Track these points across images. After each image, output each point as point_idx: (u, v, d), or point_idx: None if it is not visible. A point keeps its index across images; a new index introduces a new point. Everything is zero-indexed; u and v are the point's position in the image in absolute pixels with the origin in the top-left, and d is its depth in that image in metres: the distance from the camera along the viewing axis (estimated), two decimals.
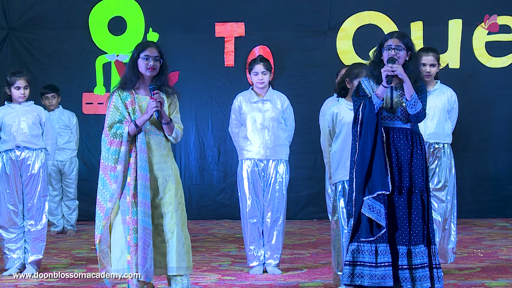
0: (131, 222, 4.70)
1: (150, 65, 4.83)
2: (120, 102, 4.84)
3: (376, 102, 4.84)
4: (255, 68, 6.35)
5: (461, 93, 6.46)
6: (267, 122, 6.35)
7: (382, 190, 4.78)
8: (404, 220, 4.81)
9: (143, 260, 4.68)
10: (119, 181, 4.75)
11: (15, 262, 6.33)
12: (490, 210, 10.33)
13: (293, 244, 7.95)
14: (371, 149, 4.82)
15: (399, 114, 4.89)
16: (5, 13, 10.30)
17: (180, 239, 4.82)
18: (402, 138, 4.88)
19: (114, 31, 10.36)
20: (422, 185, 4.88)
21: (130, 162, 4.77)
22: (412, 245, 4.81)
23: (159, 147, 4.86)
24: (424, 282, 4.79)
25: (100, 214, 4.79)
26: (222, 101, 10.23)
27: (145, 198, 4.72)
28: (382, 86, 4.85)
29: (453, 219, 6.13)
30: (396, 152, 4.86)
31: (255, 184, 6.35)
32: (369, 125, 4.84)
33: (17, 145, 6.36)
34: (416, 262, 4.80)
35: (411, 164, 4.86)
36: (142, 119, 4.78)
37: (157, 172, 4.83)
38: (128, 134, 4.75)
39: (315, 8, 10.38)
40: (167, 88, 4.93)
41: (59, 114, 9.05)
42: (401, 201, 4.82)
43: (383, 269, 4.79)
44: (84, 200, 9.47)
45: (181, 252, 4.81)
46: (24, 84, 6.36)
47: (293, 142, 6.72)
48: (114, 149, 4.77)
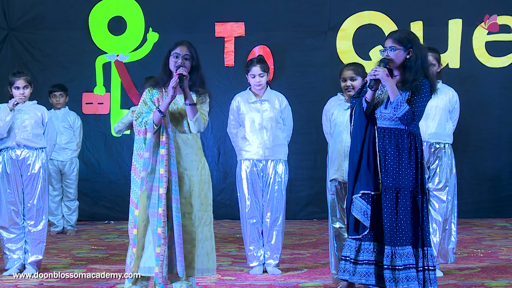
0: (163, 214, 4.73)
1: (179, 63, 4.87)
2: (148, 98, 4.93)
3: (364, 106, 4.88)
4: (252, 71, 6.35)
5: (461, 93, 6.46)
6: (266, 122, 6.35)
7: (365, 189, 4.81)
8: (390, 221, 4.79)
9: (181, 256, 4.72)
10: (147, 169, 4.78)
11: (15, 262, 6.32)
12: (490, 210, 10.34)
13: (293, 244, 7.95)
14: (359, 150, 4.87)
15: (391, 114, 4.86)
16: (5, 13, 10.30)
17: (199, 240, 4.86)
18: (393, 138, 4.85)
19: (114, 31, 10.36)
20: (413, 186, 4.83)
21: (162, 154, 4.80)
22: (398, 245, 4.77)
23: (183, 145, 4.90)
24: (405, 283, 4.72)
25: (133, 208, 4.84)
26: (222, 101, 10.21)
27: (176, 194, 4.77)
28: (369, 90, 4.87)
29: (453, 219, 6.13)
30: (385, 153, 4.86)
31: (254, 184, 6.36)
32: (358, 127, 4.90)
33: (17, 143, 6.36)
34: (399, 263, 4.75)
35: (399, 164, 4.83)
36: (165, 102, 4.82)
37: (181, 171, 4.87)
38: (153, 122, 4.79)
39: (315, 8, 10.38)
40: (198, 88, 4.97)
41: (65, 113, 9.11)
42: (388, 201, 4.81)
43: (366, 266, 4.80)
44: (84, 201, 9.46)
45: (200, 254, 4.85)
46: (24, 84, 6.37)
47: (293, 142, 6.72)
48: (141, 138, 4.85)
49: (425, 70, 4.92)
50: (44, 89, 9.39)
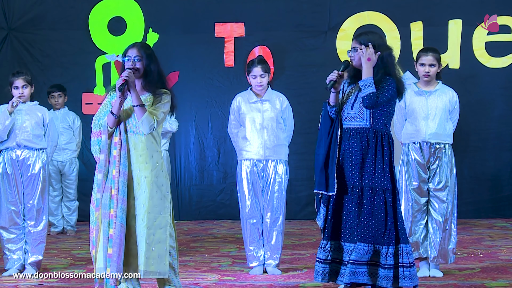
0: (114, 215, 4.73)
1: (128, 65, 4.89)
2: (108, 101, 4.97)
3: (328, 109, 5.03)
4: (253, 71, 6.35)
5: (461, 93, 6.46)
6: (266, 122, 6.35)
7: (317, 189, 5.02)
8: (352, 219, 4.95)
9: (118, 257, 4.70)
10: (103, 171, 4.83)
11: (15, 262, 6.32)
12: (490, 210, 10.34)
13: (293, 244, 7.95)
14: (324, 153, 5.01)
15: (357, 115, 4.98)
16: (5, 13, 10.31)
17: (150, 243, 4.78)
18: (357, 138, 4.97)
19: (114, 31, 10.36)
20: (381, 184, 4.92)
21: (114, 155, 4.82)
22: (354, 242, 4.93)
23: (137, 147, 4.85)
24: (360, 276, 4.85)
25: (93, 208, 4.89)
26: (222, 102, 10.23)
27: (123, 195, 4.76)
28: (331, 93, 5.03)
29: (453, 219, 6.13)
30: (350, 153, 4.98)
31: (255, 185, 6.35)
32: (323, 129, 5.06)
33: (18, 143, 6.36)
34: (354, 258, 4.87)
35: (363, 163, 4.94)
36: (116, 104, 4.82)
37: (133, 172, 4.84)
38: (107, 124, 4.81)
39: (315, 8, 10.38)
40: (154, 88, 4.91)
41: (64, 114, 9.11)
42: (350, 200, 4.96)
43: (322, 265, 5.00)
44: (84, 201, 9.43)
45: (149, 256, 4.77)
46: (22, 83, 6.38)
47: (293, 143, 6.72)
48: (96, 140, 4.92)
49: (389, 69, 5.00)
50: (44, 89, 9.38)
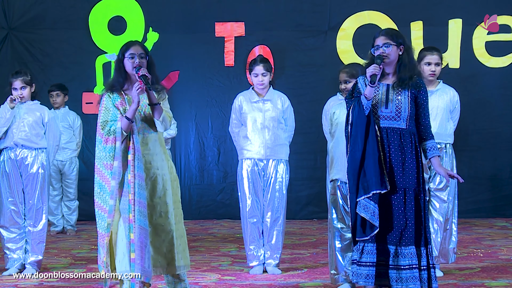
0: (133, 220, 4.68)
1: (136, 63, 4.81)
2: (111, 104, 4.85)
3: (364, 103, 4.81)
4: (255, 70, 6.35)
5: (461, 93, 6.46)
6: (268, 122, 6.36)
7: (377, 189, 4.74)
8: (401, 221, 4.79)
9: (141, 260, 4.66)
10: (117, 178, 4.72)
11: (15, 262, 6.32)
12: (490, 210, 10.34)
13: (293, 244, 7.95)
14: (361, 149, 4.80)
15: (393, 114, 4.85)
16: (5, 13, 10.30)
17: (178, 237, 4.85)
18: (396, 138, 4.83)
19: (114, 31, 10.36)
20: (416, 185, 4.83)
21: (129, 160, 4.75)
22: (403, 245, 4.77)
23: (153, 146, 4.85)
24: (411, 283, 4.72)
25: (103, 214, 4.76)
26: (222, 101, 10.23)
27: (141, 197, 4.70)
28: (369, 87, 4.80)
29: (454, 219, 6.13)
30: (389, 152, 4.84)
31: (255, 184, 6.35)
32: (359, 127, 4.82)
33: (15, 142, 6.36)
34: (404, 263, 4.75)
35: (404, 164, 4.82)
36: (131, 109, 4.75)
37: (154, 171, 4.83)
38: (121, 129, 4.73)
39: (315, 8, 10.38)
40: (156, 85, 4.90)
41: (65, 113, 9.10)
42: (398, 201, 4.80)
43: (367, 268, 4.78)
44: (84, 200, 9.46)
45: (179, 250, 4.84)
46: (21, 85, 6.39)
47: (293, 142, 6.72)
48: (110, 146, 4.78)
49: (416, 67, 4.98)
50: (44, 89, 9.36)
